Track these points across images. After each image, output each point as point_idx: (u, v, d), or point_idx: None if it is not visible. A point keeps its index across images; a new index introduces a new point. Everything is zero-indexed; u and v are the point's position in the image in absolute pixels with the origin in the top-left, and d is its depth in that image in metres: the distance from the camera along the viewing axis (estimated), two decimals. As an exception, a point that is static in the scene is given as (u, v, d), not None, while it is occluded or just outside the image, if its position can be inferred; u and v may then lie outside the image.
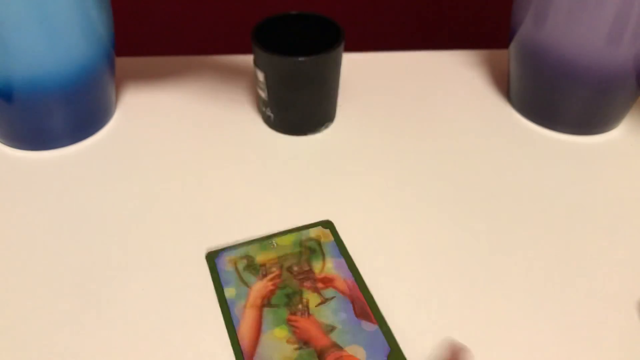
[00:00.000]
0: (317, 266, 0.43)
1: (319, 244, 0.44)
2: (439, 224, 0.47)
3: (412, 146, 0.54)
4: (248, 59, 0.64)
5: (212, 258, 0.43)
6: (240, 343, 0.38)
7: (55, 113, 0.50)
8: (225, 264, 0.43)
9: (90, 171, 0.50)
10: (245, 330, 0.39)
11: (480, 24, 1.05)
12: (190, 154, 0.52)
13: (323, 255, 0.43)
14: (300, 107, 0.52)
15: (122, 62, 0.63)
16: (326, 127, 0.55)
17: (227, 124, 0.55)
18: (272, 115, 0.54)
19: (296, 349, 0.38)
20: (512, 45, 0.55)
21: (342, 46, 0.51)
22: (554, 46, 0.50)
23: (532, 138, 0.55)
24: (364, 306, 0.40)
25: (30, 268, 0.43)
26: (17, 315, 0.40)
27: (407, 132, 0.55)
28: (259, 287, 0.41)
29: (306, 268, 0.42)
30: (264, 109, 0.54)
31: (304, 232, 0.45)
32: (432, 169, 0.51)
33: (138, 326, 0.39)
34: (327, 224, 0.46)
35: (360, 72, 0.63)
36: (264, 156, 0.52)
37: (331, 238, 0.45)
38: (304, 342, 0.38)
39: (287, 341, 0.38)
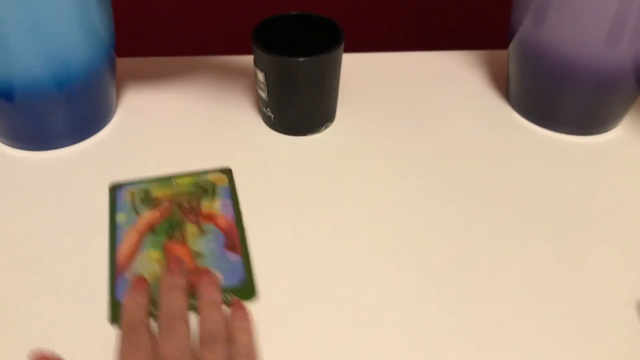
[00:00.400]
0: (205, 204, 0.47)
1: (214, 186, 0.48)
2: (438, 224, 0.47)
3: (412, 147, 0.54)
4: (248, 59, 0.64)
5: (114, 189, 0.47)
6: (117, 259, 0.43)
7: (56, 113, 0.50)
8: (124, 195, 0.47)
9: (90, 171, 0.50)
10: (124, 249, 0.43)
11: (480, 24, 1.05)
12: (190, 154, 0.52)
13: (214, 195, 0.47)
14: (300, 107, 0.52)
15: (122, 62, 0.63)
16: (326, 127, 0.55)
17: (227, 124, 0.56)
18: (272, 115, 0.54)
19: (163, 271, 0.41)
20: (512, 46, 0.55)
21: (342, 46, 0.51)
22: (554, 46, 0.50)
23: (532, 138, 0.55)
24: (235, 240, 0.44)
25: (30, 267, 0.43)
26: (16, 314, 0.40)
27: (407, 133, 0.55)
28: (147, 215, 0.46)
29: (194, 204, 0.46)
30: (264, 109, 0.54)
31: (203, 175, 0.49)
32: (432, 169, 0.51)
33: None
34: (226, 171, 0.49)
35: (360, 72, 0.63)
36: (263, 156, 0.52)
37: (226, 183, 0.48)
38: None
39: (159, 262, 0.42)
